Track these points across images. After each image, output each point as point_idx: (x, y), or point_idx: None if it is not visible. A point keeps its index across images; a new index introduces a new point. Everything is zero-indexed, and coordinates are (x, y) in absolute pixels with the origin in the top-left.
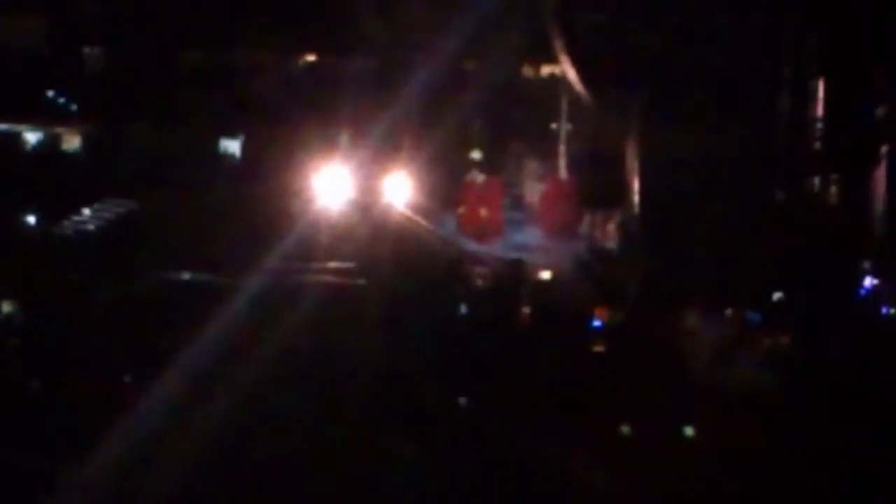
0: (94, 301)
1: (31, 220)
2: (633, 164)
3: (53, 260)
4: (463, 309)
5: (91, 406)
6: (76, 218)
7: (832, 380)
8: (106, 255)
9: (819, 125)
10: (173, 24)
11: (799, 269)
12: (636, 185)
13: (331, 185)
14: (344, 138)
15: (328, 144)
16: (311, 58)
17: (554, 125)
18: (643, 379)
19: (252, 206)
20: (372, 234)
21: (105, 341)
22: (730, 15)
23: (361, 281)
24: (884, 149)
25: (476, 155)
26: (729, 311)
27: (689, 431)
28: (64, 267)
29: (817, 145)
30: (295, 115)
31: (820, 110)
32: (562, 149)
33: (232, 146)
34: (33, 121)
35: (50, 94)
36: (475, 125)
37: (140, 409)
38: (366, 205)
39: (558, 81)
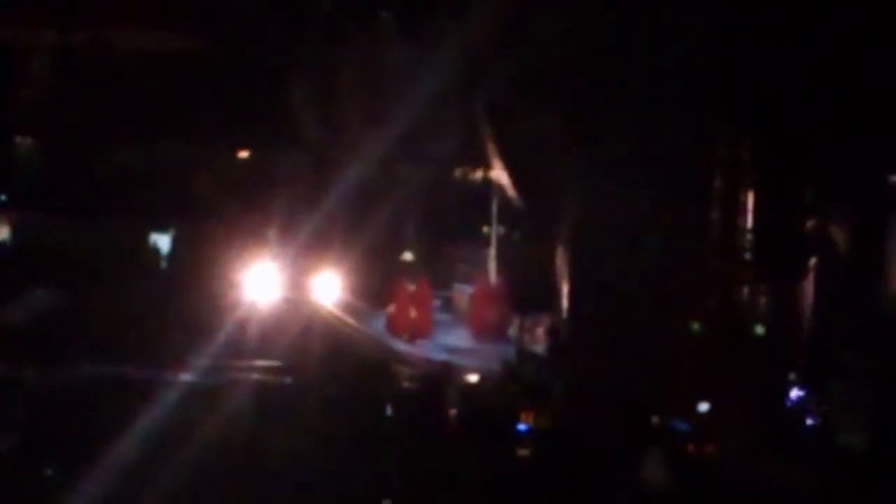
0: (19, 393)
1: None
2: (563, 268)
3: None
4: (389, 410)
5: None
6: (5, 309)
7: (754, 489)
8: (32, 347)
9: (749, 235)
10: (106, 118)
11: (726, 379)
12: (566, 289)
13: (261, 281)
14: (275, 235)
15: (259, 240)
16: (244, 153)
17: (486, 228)
18: (567, 483)
19: (181, 301)
20: (300, 332)
21: (27, 434)
22: (663, 125)
23: (288, 379)
24: (812, 261)
25: (408, 256)
26: (655, 419)
27: None
28: None
29: (747, 255)
30: (226, 211)
31: (750, 221)
32: (492, 252)
33: (162, 240)
34: None
35: None
36: (407, 226)
37: None
38: (295, 302)
39: (491, 185)
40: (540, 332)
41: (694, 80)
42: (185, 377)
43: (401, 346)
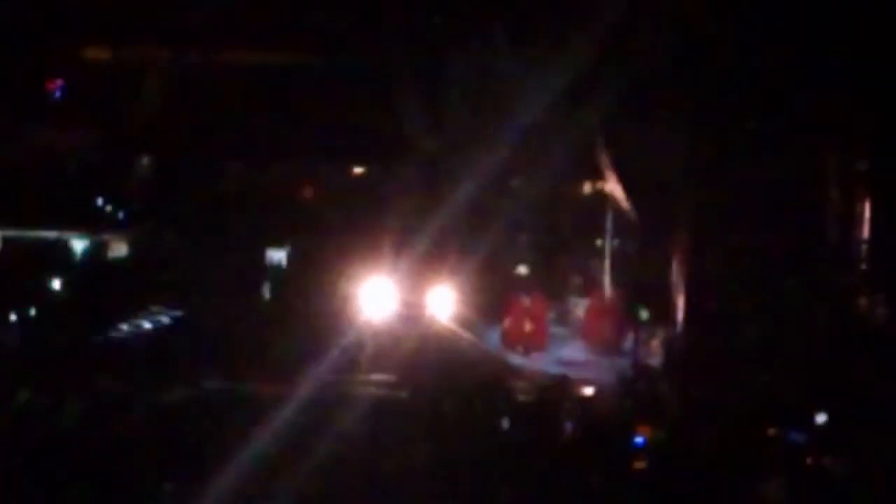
0: (137, 408)
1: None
2: (678, 281)
3: (101, 366)
4: (505, 423)
5: None
6: (124, 325)
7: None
8: (151, 363)
9: (865, 247)
10: (221, 136)
11: (845, 391)
12: (681, 302)
13: (376, 296)
14: (390, 249)
15: (374, 255)
16: (358, 169)
17: (599, 241)
18: (683, 498)
19: (297, 317)
20: (416, 347)
21: (144, 449)
22: (776, 134)
23: (404, 394)
24: None
25: (522, 269)
26: (772, 431)
27: None
28: (110, 373)
29: (863, 266)
30: (341, 226)
31: (866, 232)
32: (607, 264)
33: (278, 256)
34: (81, 228)
35: (99, 201)
36: (521, 239)
37: None
38: (410, 317)
39: (605, 197)
40: (655, 344)
41: (808, 91)
42: (302, 392)
43: (516, 359)
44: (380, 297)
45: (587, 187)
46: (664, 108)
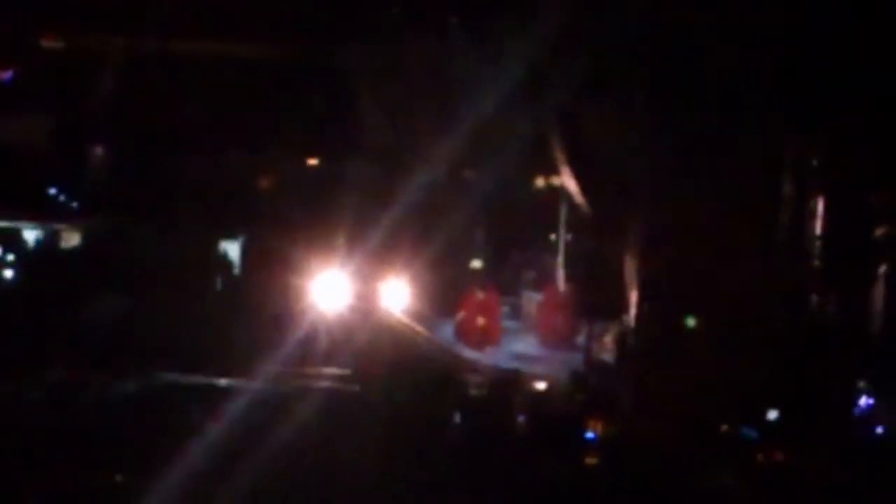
0: (88, 399)
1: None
2: (631, 276)
3: (53, 357)
4: (457, 417)
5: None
6: (76, 316)
7: (824, 497)
8: (100, 354)
9: (818, 243)
10: (175, 126)
11: (795, 388)
12: (634, 297)
13: (329, 289)
14: (343, 243)
15: (327, 249)
16: (312, 161)
17: (553, 236)
18: (634, 492)
19: (249, 309)
20: (369, 340)
21: (96, 440)
22: (729, 132)
23: (356, 387)
24: (882, 268)
25: (476, 263)
26: (724, 427)
27: None
28: (62, 364)
29: (816, 263)
30: (295, 219)
31: (819, 228)
32: (560, 259)
33: (231, 248)
34: (34, 218)
35: (51, 191)
36: (475, 233)
37: None
38: (363, 310)
39: (558, 192)
40: (608, 339)
41: (763, 83)
42: (254, 385)
43: (469, 353)
44: (333, 289)
45: (541, 181)
46: (620, 101)
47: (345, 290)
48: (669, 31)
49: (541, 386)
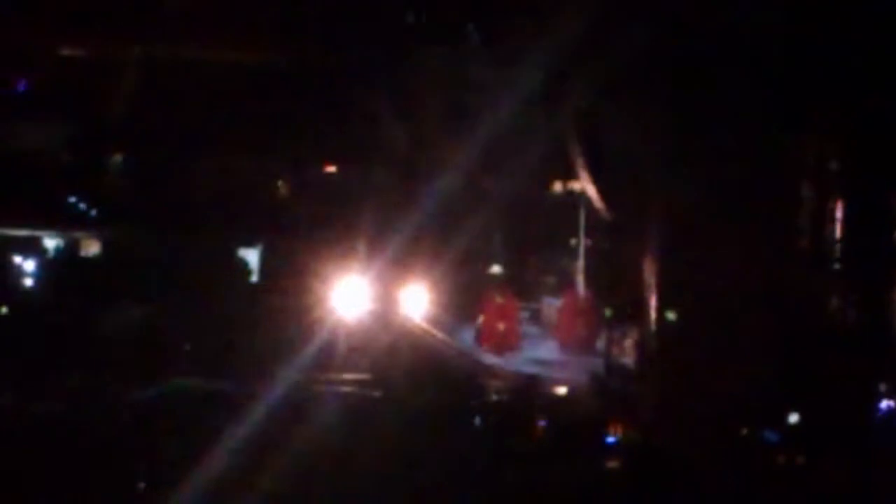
0: (109, 406)
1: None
2: (650, 281)
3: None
4: (478, 422)
5: None
6: (97, 324)
7: (844, 500)
8: (122, 361)
9: (838, 246)
10: (195, 133)
11: (816, 391)
12: (654, 301)
13: (349, 295)
14: (363, 249)
15: (347, 255)
16: (331, 168)
17: (573, 240)
18: (655, 496)
19: (269, 316)
20: (389, 346)
21: (117, 448)
22: (748, 135)
23: (377, 392)
24: None
25: (495, 269)
26: (745, 431)
27: None
28: (82, 371)
29: (836, 266)
30: (314, 225)
31: (839, 232)
32: (580, 264)
33: (251, 255)
34: (54, 226)
35: (71, 199)
36: (495, 239)
37: None
38: (383, 316)
39: (578, 197)
40: (628, 344)
41: (781, 88)
42: (274, 391)
43: (489, 358)
44: (353, 295)
45: (561, 186)
46: (639, 106)
47: (365, 296)
48: (688, 33)
49: (561, 390)
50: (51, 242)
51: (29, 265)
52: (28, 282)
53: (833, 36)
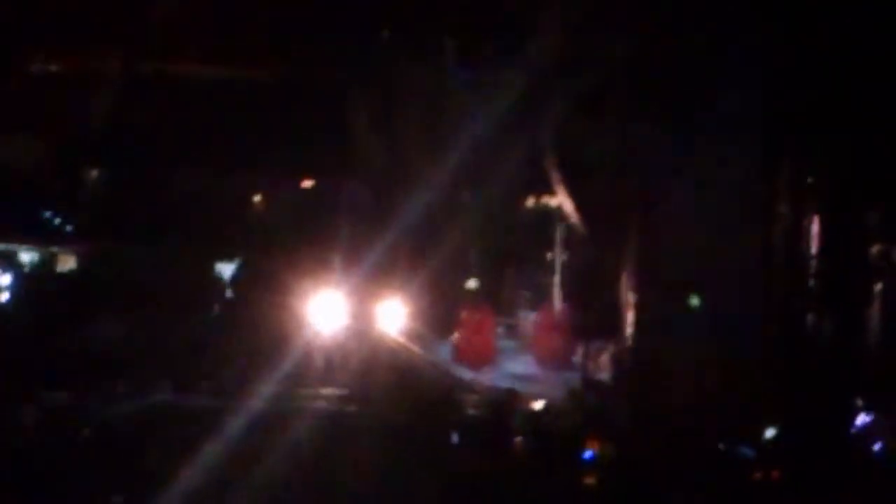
0: (85, 421)
1: None
2: (627, 296)
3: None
4: (454, 437)
5: None
6: (72, 338)
7: None
8: (97, 376)
9: (814, 262)
10: (171, 148)
11: (792, 406)
12: (630, 316)
13: (325, 310)
14: (339, 263)
15: (323, 270)
16: (307, 182)
17: (549, 255)
18: None
19: (245, 330)
20: (365, 361)
21: (92, 461)
22: (726, 151)
23: (353, 407)
24: (878, 286)
25: (472, 283)
26: (721, 446)
27: None
28: (58, 386)
29: (812, 282)
30: (290, 240)
31: (814, 247)
32: (556, 279)
33: (226, 269)
34: (30, 241)
35: (47, 214)
36: (470, 253)
37: None
38: (360, 331)
39: (554, 212)
40: (604, 359)
41: (757, 105)
42: (251, 405)
43: (465, 373)
44: (329, 310)
45: (536, 201)
46: (615, 121)
47: (341, 311)
48: (665, 49)
49: (538, 405)
50: (27, 257)
51: (5, 279)
52: (3, 297)
53: (810, 50)
